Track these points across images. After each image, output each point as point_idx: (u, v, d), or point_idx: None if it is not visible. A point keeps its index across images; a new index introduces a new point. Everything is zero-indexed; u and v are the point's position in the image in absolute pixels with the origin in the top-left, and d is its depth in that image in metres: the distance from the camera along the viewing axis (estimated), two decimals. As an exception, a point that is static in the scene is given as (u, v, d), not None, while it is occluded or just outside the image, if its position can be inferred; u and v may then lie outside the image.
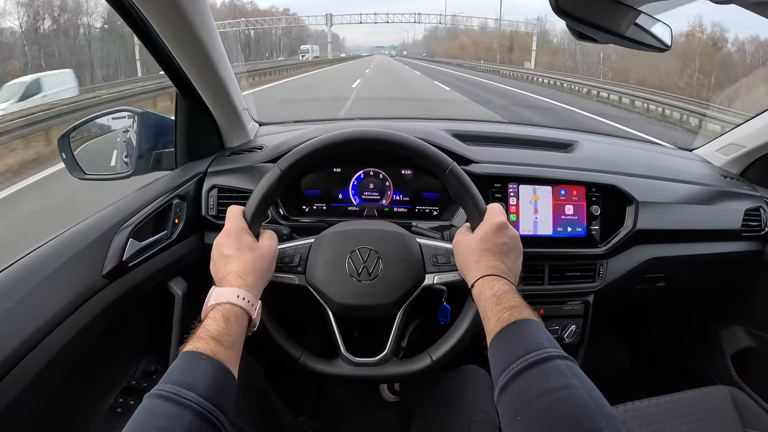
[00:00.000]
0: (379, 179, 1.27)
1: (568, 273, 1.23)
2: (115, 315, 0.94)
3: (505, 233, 0.84)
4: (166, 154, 1.24)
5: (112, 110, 1.23)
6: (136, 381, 1.08)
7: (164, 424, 0.56)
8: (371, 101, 12.97)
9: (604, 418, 0.56)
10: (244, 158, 1.26)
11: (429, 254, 0.93)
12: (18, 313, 0.77)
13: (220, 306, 0.73)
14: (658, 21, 0.79)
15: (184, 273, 1.13)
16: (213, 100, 1.20)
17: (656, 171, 1.36)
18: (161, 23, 0.96)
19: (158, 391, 0.60)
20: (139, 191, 1.11)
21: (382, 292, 0.90)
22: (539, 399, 0.60)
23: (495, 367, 0.68)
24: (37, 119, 6.81)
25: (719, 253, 1.35)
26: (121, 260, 0.94)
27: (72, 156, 1.17)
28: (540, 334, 0.68)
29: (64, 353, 0.81)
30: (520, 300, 0.74)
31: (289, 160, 0.89)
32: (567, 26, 0.74)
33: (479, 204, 0.89)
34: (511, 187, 1.21)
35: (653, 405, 1.12)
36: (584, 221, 1.22)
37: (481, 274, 0.79)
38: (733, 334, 1.56)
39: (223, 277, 0.79)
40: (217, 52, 1.09)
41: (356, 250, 0.91)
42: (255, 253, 0.82)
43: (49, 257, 0.87)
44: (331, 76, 23.02)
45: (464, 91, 15.79)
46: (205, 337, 0.68)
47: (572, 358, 0.65)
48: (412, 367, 0.91)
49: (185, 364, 0.64)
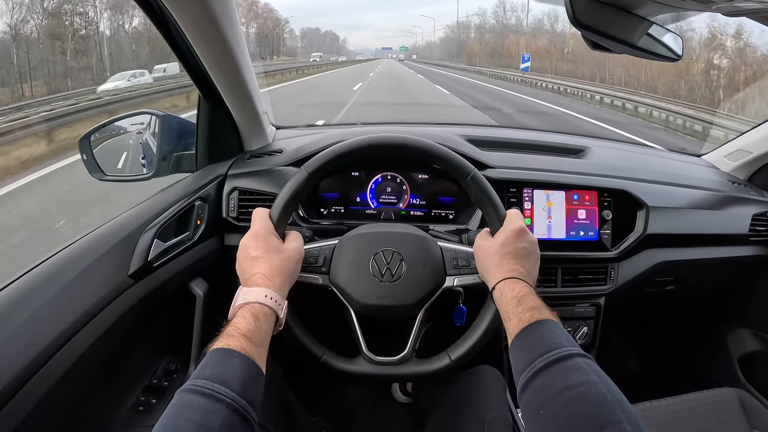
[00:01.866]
0: (397, 183, 1.29)
1: (580, 276, 1.25)
2: (139, 315, 0.95)
3: (524, 238, 0.86)
4: (187, 156, 1.25)
5: (134, 113, 1.26)
6: (157, 380, 1.09)
7: (200, 417, 0.57)
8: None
9: (623, 412, 0.58)
10: (264, 161, 1.28)
11: (450, 257, 0.94)
12: (47, 313, 0.78)
13: (249, 305, 0.74)
14: (670, 31, 0.81)
15: (204, 274, 1.14)
16: (235, 103, 1.22)
17: (666, 176, 1.39)
18: (187, 22, 0.97)
19: (192, 386, 0.61)
20: (163, 193, 1.13)
21: (405, 293, 0.91)
22: (561, 394, 0.62)
23: (516, 366, 0.70)
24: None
25: (727, 257, 1.37)
26: (147, 260, 0.96)
27: (93, 157, 1.18)
28: (560, 333, 0.70)
29: (91, 352, 0.82)
30: (540, 302, 0.76)
31: (316, 163, 0.91)
32: (582, 36, 0.77)
33: (499, 209, 0.91)
34: (525, 192, 1.24)
35: (661, 406, 1.14)
36: (596, 225, 1.24)
37: (502, 276, 0.81)
38: (740, 336, 1.58)
39: (250, 278, 0.80)
40: (242, 54, 1.10)
41: (380, 252, 0.93)
42: (282, 255, 0.83)
43: (78, 256, 0.88)
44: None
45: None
46: (236, 334, 0.69)
47: (591, 356, 0.67)
48: (432, 367, 0.93)
49: (218, 360, 0.65)
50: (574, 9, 0.70)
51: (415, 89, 19.70)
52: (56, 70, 23.03)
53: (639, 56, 0.82)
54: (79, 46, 24.67)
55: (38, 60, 22.18)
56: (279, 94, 14.84)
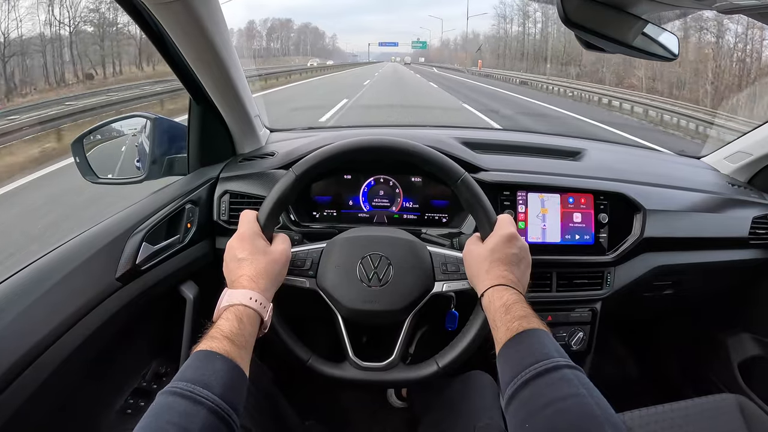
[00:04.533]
0: (390, 186, 1.28)
1: (576, 280, 1.23)
2: (127, 318, 0.95)
3: (515, 244, 0.84)
4: (179, 159, 1.26)
5: (126, 115, 1.26)
6: (146, 383, 1.09)
7: (179, 420, 0.57)
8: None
9: (611, 427, 0.57)
10: (256, 164, 1.28)
11: (439, 262, 0.93)
12: (33, 314, 0.78)
13: (233, 307, 0.74)
14: (665, 30, 0.80)
15: (195, 277, 1.14)
16: (226, 107, 1.22)
17: (664, 179, 1.37)
18: (176, 30, 0.98)
19: (173, 388, 0.61)
20: (153, 195, 1.13)
21: (392, 298, 0.90)
22: (547, 407, 0.60)
23: (503, 376, 0.69)
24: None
25: (727, 261, 1.35)
26: (135, 263, 0.95)
27: (86, 160, 1.19)
28: (548, 343, 0.69)
29: (78, 355, 0.82)
30: (529, 310, 0.75)
31: (303, 165, 0.90)
32: (576, 36, 0.75)
33: (490, 214, 0.89)
34: (519, 195, 1.22)
35: (660, 412, 1.12)
36: (592, 229, 1.23)
37: (491, 283, 0.80)
38: (740, 341, 1.56)
39: (235, 280, 0.79)
40: (231, 59, 1.10)
41: (367, 256, 0.92)
42: (268, 257, 0.83)
43: (64, 259, 0.88)
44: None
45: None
46: (219, 336, 0.68)
47: (580, 368, 0.66)
48: (419, 373, 0.92)
49: (199, 362, 0.65)
50: (565, 8, 0.68)
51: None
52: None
53: (634, 56, 0.81)
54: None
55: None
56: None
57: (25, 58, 22.01)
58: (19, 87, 19.96)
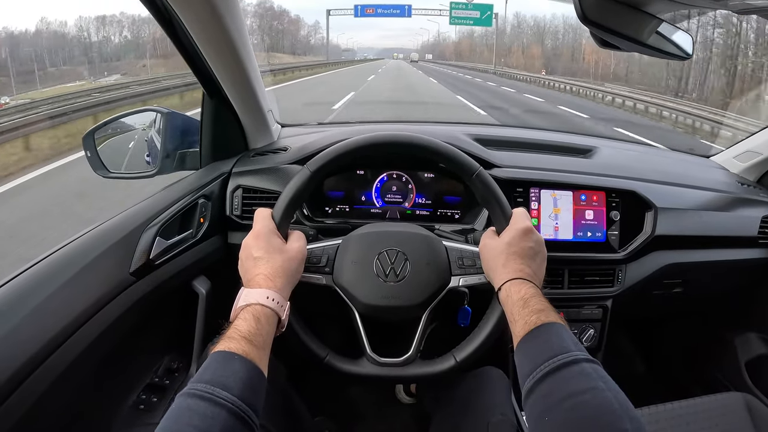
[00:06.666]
0: (402, 182, 1.28)
1: (588, 277, 1.24)
2: (140, 313, 0.94)
3: (531, 238, 0.84)
4: (191, 153, 1.25)
5: (138, 110, 1.26)
6: (158, 378, 1.09)
7: (200, 422, 0.57)
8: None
9: (629, 420, 0.57)
10: (269, 159, 1.27)
11: (455, 257, 0.93)
12: (47, 309, 0.78)
13: (250, 307, 0.74)
14: (679, 29, 0.80)
15: (207, 272, 1.13)
16: (240, 101, 1.21)
17: (674, 177, 1.37)
18: (193, 22, 0.97)
19: (192, 390, 0.61)
20: (166, 190, 1.12)
21: (409, 293, 0.90)
22: (566, 401, 0.61)
23: (522, 370, 0.69)
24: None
25: (736, 260, 1.35)
26: (149, 258, 0.95)
27: (97, 154, 1.18)
28: (566, 337, 0.69)
29: (91, 350, 0.82)
30: (546, 304, 0.75)
31: (319, 161, 0.90)
32: (591, 34, 0.76)
33: (505, 208, 0.89)
34: (532, 192, 1.22)
35: (667, 410, 1.12)
36: (604, 226, 1.23)
37: (508, 277, 0.80)
38: (747, 340, 1.56)
39: (251, 279, 0.79)
40: (246, 52, 1.09)
41: (384, 251, 0.91)
42: (284, 256, 0.82)
43: (79, 254, 0.88)
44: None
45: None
46: (237, 337, 0.68)
47: (598, 362, 0.66)
48: (436, 368, 0.92)
49: (218, 363, 0.65)
50: (582, 6, 0.69)
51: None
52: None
53: (648, 54, 0.81)
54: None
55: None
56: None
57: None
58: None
